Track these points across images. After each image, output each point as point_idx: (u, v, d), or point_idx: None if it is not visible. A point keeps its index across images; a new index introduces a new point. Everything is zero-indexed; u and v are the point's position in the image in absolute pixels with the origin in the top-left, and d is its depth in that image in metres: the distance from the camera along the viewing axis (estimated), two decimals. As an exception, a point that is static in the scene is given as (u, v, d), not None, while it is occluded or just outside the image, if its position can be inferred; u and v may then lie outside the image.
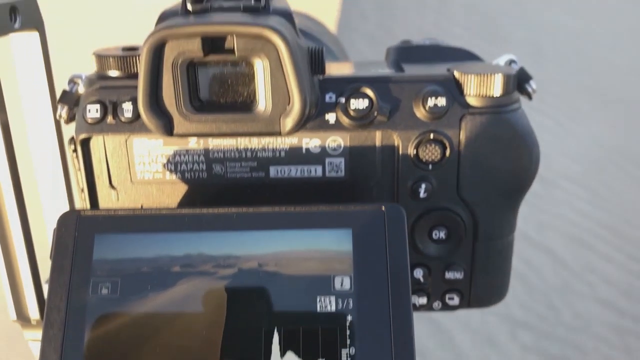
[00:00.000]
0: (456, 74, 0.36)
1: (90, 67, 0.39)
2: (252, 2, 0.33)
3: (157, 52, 0.32)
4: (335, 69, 0.40)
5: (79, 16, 3.24)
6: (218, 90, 0.34)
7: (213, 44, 0.32)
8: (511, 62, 0.41)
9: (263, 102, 0.33)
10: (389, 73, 0.38)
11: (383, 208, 0.32)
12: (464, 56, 0.42)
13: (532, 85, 0.40)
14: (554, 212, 2.23)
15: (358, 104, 0.35)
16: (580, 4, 3.78)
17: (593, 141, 2.67)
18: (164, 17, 0.33)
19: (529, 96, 0.40)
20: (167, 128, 0.33)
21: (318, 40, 0.41)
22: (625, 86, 3.13)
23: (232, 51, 0.32)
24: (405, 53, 0.42)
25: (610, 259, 2.00)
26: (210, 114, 0.34)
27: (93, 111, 0.35)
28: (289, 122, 0.33)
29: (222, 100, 0.34)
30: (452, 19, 3.13)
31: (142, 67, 0.32)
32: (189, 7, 0.32)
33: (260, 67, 0.32)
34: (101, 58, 0.37)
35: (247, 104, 0.34)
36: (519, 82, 0.39)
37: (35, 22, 0.38)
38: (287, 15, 0.34)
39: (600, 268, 1.90)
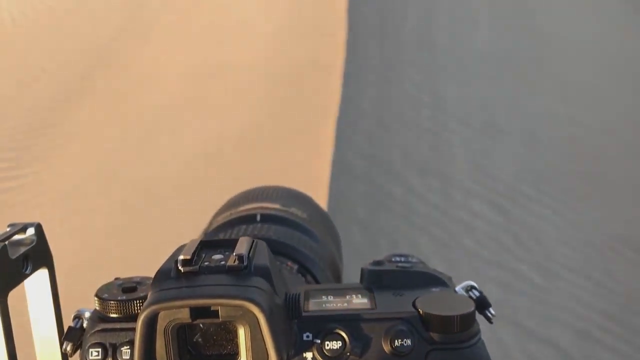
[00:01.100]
0: (421, 311, 0.40)
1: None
2: (236, 261, 0.37)
3: (151, 321, 0.36)
4: (315, 295, 0.43)
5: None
6: (204, 345, 0.38)
7: (200, 310, 0.36)
8: (471, 288, 0.45)
9: (244, 357, 0.37)
10: (361, 306, 0.43)
11: None
12: (431, 281, 0.46)
13: (491, 311, 0.44)
14: (556, 303, 2.23)
15: (332, 345, 0.39)
16: (570, 92, 3.91)
17: (593, 229, 2.70)
18: (158, 278, 0.38)
19: (489, 320, 0.44)
20: None
21: (300, 252, 0.45)
22: (620, 172, 3.20)
23: (217, 316, 0.36)
24: (376, 277, 0.46)
25: (616, 350, 1.99)
26: None
27: (95, 353, 0.39)
28: None
29: (208, 353, 0.38)
30: (447, 111, 3.24)
31: (137, 334, 0.36)
32: (181, 269, 0.37)
33: (242, 330, 0.37)
34: (103, 301, 0.41)
35: (231, 356, 0.38)
36: (478, 308, 0.42)
37: (45, 261, 0.42)
38: (266, 274, 0.38)
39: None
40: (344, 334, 0.38)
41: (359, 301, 0.43)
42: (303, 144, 2.75)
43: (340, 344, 0.38)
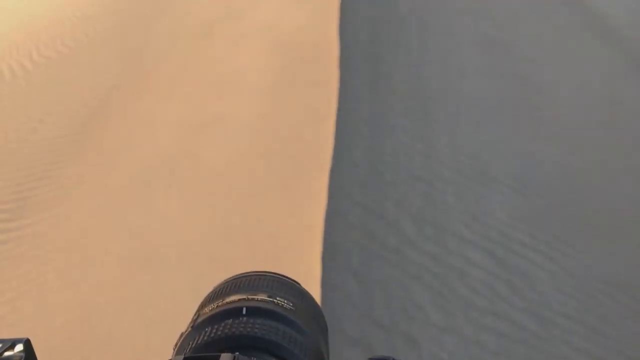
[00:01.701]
0: None
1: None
2: None
3: None
4: None
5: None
6: None
7: None
8: None
9: None
10: None
11: None
12: None
13: None
14: (552, 351, 2.24)
15: None
16: (561, 137, 3.98)
17: (587, 274, 2.72)
18: None
19: None
20: None
21: (283, 348, 0.47)
22: (614, 216, 3.23)
23: None
24: None
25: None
26: None
27: None
28: None
29: None
30: (440, 160, 3.29)
31: None
32: None
33: None
34: None
35: None
36: None
37: None
38: None
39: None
40: None
41: None
42: (297, 194, 2.78)
43: None
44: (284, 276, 0.55)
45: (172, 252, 2.74)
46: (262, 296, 0.47)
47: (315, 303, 0.55)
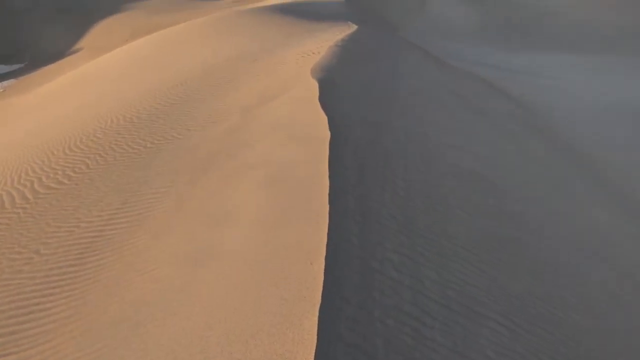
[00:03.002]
0: None
1: None
2: None
3: None
4: None
5: None
6: None
7: None
8: None
9: None
10: None
11: None
12: None
13: None
14: None
15: None
16: (547, 271, 4.06)
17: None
18: None
19: None
20: None
21: None
22: (601, 352, 3.25)
23: None
24: None
25: None
26: None
27: None
28: None
29: None
30: (427, 295, 3.36)
31: None
32: None
33: None
34: None
35: None
36: None
37: None
38: None
39: None
40: None
41: None
42: (287, 334, 2.81)
43: None
44: None
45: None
46: None
47: None
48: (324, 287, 3.16)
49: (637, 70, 13.39)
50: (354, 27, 11.97)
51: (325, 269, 3.28)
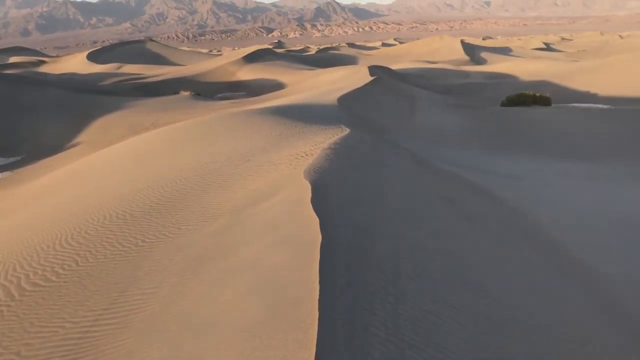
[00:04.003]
0: None
1: None
2: None
3: None
4: None
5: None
6: None
7: None
8: None
9: None
10: None
11: None
12: None
13: None
14: None
15: None
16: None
17: None
18: None
19: None
20: None
21: None
22: None
23: None
24: None
25: None
26: None
27: None
28: None
29: None
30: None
31: None
32: None
33: None
34: None
35: None
36: None
37: None
38: None
39: None
40: None
41: None
42: None
43: None
44: None
45: None
46: None
47: None
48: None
49: (627, 179, 13.77)
50: (346, 130, 12.35)
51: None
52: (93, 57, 71.63)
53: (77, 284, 6.04)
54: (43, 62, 72.94)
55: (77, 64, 67.99)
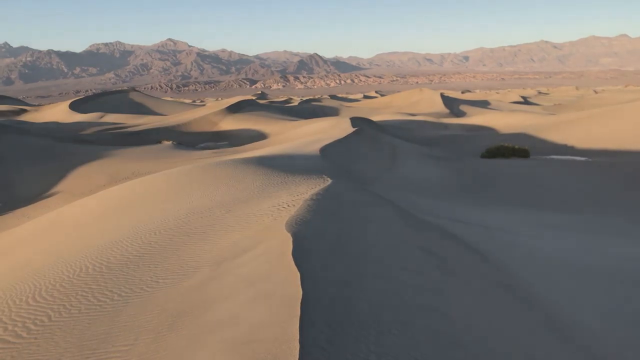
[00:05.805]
0: None
1: None
2: None
3: None
4: None
5: None
6: None
7: None
8: None
9: None
10: None
11: None
12: None
13: None
14: None
15: None
16: None
17: None
18: None
19: None
20: None
21: None
22: None
23: None
24: None
25: None
26: None
27: None
28: None
29: None
30: None
31: None
32: None
33: None
34: None
35: None
36: None
37: None
38: None
39: None
40: None
41: None
42: None
43: None
44: None
45: None
46: None
47: None
48: None
49: (607, 230, 13.89)
50: (328, 181, 12.37)
51: None
52: (75, 106, 71.89)
53: (49, 341, 5.82)
54: (24, 110, 72.95)
55: (59, 112, 68.11)
